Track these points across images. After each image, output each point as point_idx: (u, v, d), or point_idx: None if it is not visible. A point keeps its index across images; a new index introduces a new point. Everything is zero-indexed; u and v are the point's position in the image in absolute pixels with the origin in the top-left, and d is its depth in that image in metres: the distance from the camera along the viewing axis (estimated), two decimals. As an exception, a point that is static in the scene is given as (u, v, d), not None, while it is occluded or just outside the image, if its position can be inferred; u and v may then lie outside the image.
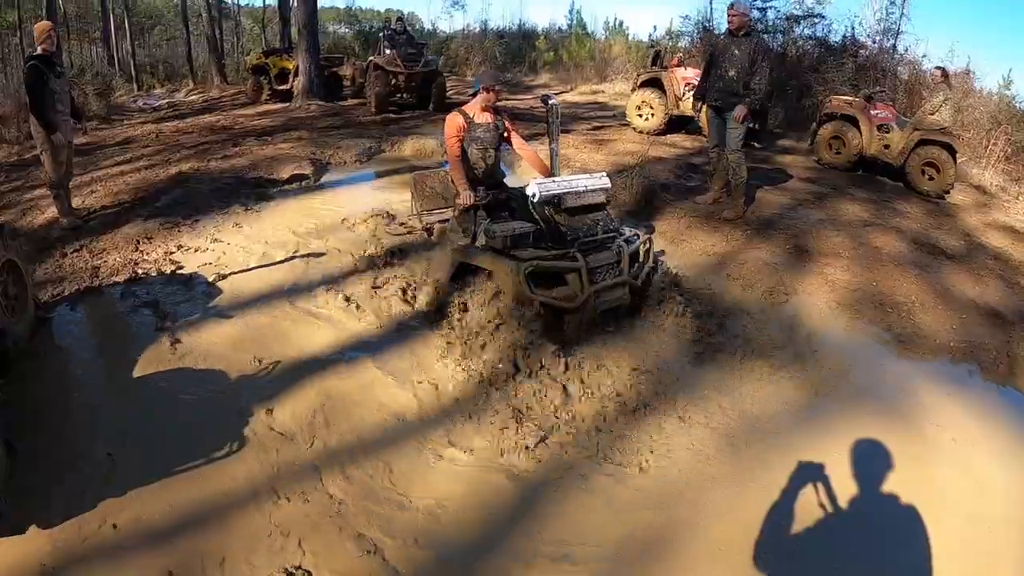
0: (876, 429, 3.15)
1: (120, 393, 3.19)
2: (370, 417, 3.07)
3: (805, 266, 4.97)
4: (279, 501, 2.54)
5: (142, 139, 8.84)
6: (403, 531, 2.43)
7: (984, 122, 8.98)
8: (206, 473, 2.65)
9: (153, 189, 6.23)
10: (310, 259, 4.76)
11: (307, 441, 2.88)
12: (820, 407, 3.33)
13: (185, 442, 2.79)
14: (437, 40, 21.57)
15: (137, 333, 3.71)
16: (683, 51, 10.50)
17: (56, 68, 5.01)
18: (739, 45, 5.26)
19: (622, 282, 3.65)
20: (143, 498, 2.50)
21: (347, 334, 3.78)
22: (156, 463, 2.66)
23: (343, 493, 2.60)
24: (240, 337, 3.69)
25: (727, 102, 5.35)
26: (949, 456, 3.07)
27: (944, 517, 2.63)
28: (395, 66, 10.25)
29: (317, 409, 3.08)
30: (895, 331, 4.19)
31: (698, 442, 3.02)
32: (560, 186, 3.69)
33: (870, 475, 2.84)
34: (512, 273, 3.44)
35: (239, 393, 3.18)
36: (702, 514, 2.60)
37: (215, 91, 15.44)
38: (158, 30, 25.27)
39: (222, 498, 2.54)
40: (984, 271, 5.18)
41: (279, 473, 2.69)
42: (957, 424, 3.32)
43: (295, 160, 7.43)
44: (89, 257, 4.69)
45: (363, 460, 2.78)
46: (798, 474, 2.80)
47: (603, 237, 3.74)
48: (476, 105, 4.03)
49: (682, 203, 6.10)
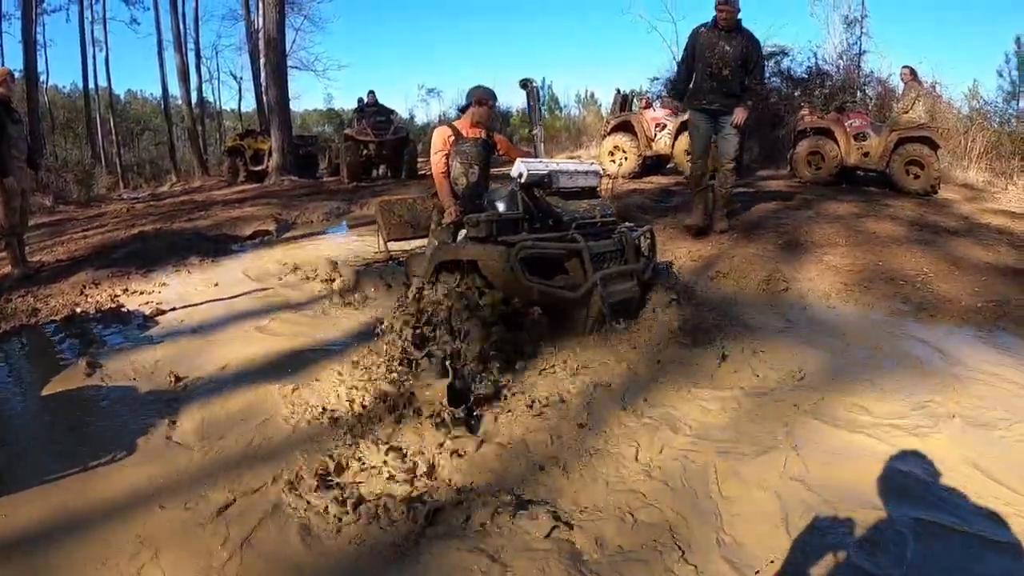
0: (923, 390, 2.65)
1: (23, 409, 2.92)
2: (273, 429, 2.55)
3: (801, 256, 4.60)
4: (153, 511, 2.01)
5: (113, 213, 8.67)
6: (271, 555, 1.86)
7: (959, 127, 8.97)
8: (83, 482, 2.17)
9: (111, 245, 5.96)
10: (255, 294, 4.46)
11: (203, 452, 2.37)
12: (858, 375, 2.81)
13: (75, 453, 2.36)
14: (416, 129, 22.32)
15: (59, 360, 3.44)
16: (651, 94, 10.62)
17: (13, 114, 4.91)
18: (729, 41, 4.64)
19: (630, 271, 3.17)
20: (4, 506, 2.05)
21: (276, 351, 3.34)
22: (34, 473, 2.22)
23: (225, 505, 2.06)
24: (163, 359, 3.30)
25: (723, 104, 4.73)
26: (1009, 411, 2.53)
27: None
28: (365, 135, 10.33)
29: (222, 421, 2.60)
30: (914, 301, 3.76)
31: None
32: (548, 166, 3.27)
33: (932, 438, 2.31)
34: (502, 259, 2.82)
35: (145, 407, 2.77)
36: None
37: (197, 181, 15.61)
38: (147, 135, 26.12)
39: (90, 508, 2.04)
40: (991, 240, 4.84)
41: (163, 483, 2.17)
42: (1009, 378, 2.80)
43: (259, 220, 7.24)
44: (33, 301, 4.45)
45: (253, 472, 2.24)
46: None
47: (603, 222, 3.29)
48: (465, 121, 3.75)
49: (660, 220, 5.80)
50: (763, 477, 2.04)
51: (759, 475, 2.05)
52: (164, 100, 20.47)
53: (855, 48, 10.61)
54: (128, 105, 27.39)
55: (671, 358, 2.89)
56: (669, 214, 6.11)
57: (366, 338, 3.30)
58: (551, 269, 3.04)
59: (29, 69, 12.84)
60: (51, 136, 18.89)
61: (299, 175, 11.64)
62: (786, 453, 2.17)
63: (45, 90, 19.61)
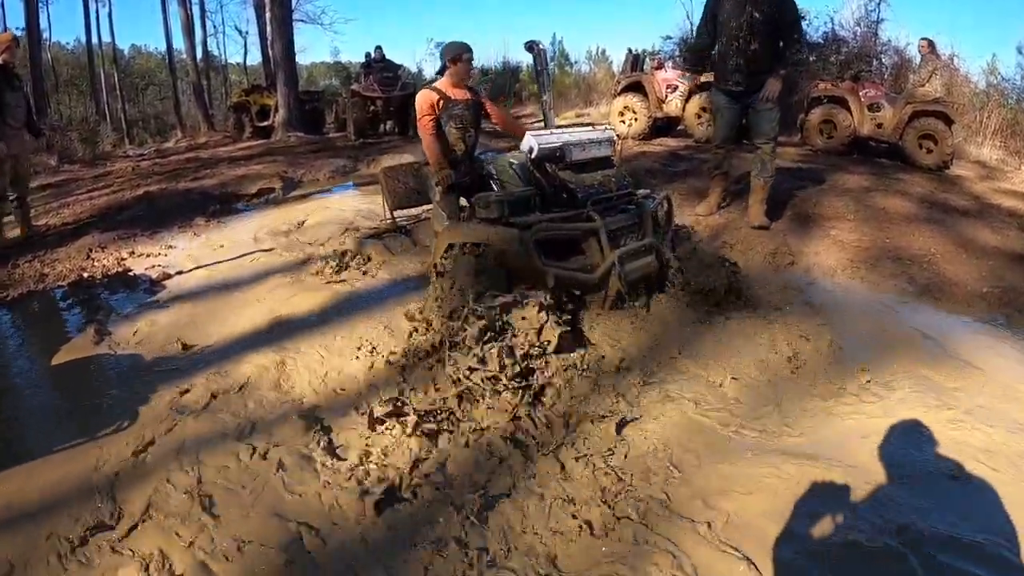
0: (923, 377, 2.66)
1: (31, 379, 2.93)
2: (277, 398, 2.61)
3: (809, 230, 4.56)
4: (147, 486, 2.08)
5: (118, 172, 8.65)
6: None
7: (975, 102, 8.74)
8: (83, 453, 2.24)
9: (117, 207, 5.97)
10: (261, 257, 4.45)
11: (202, 417, 2.44)
12: (856, 358, 2.82)
13: (81, 423, 2.43)
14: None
15: (67, 328, 3.48)
16: (663, 54, 10.35)
17: (14, 81, 4.85)
18: (757, 5, 3.97)
19: (648, 246, 3.04)
20: (12, 477, 2.13)
21: (287, 314, 3.37)
22: (41, 444, 2.29)
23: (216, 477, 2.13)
24: (172, 324, 3.36)
25: (752, 82, 4.11)
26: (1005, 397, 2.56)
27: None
28: (372, 91, 10.19)
29: (231, 389, 2.65)
30: (920, 282, 3.74)
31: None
32: (560, 138, 3.13)
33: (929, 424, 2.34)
34: (516, 242, 2.74)
35: (152, 375, 2.81)
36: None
37: (202, 137, 15.46)
38: (151, 90, 25.74)
39: (95, 478, 2.11)
40: (1001, 224, 4.78)
41: (161, 453, 2.24)
42: (1007, 367, 2.82)
43: (265, 178, 7.21)
44: (40, 266, 4.47)
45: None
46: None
47: (618, 194, 3.17)
48: (447, 82, 3.57)
49: (668, 185, 5.73)
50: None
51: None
52: (168, 54, 20.11)
53: (873, 15, 10.21)
54: (132, 60, 26.90)
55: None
56: (677, 179, 6.04)
57: (371, 307, 3.34)
58: (567, 248, 2.96)
59: (31, 28, 12.57)
60: (55, 95, 18.65)
61: (305, 131, 11.52)
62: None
63: (48, 47, 19.27)
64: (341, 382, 2.67)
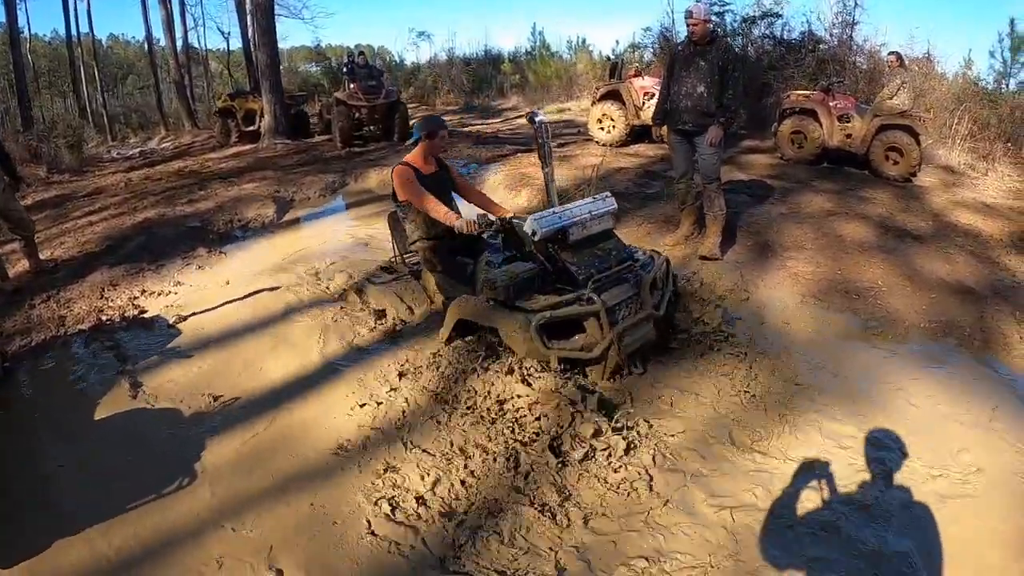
0: (849, 416, 3.12)
1: (79, 437, 3.22)
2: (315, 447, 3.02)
3: (766, 262, 4.92)
4: (224, 533, 2.51)
5: (111, 189, 8.84)
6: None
7: (947, 103, 9.07)
8: (155, 509, 2.65)
9: (120, 237, 6.23)
10: (268, 296, 4.74)
11: (255, 472, 2.85)
12: (787, 403, 3.24)
13: (139, 480, 2.80)
14: (406, 71, 21.81)
15: (99, 378, 3.75)
16: (642, 63, 10.60)
17: None
18: (704, 55, 4.50)
19: (646, 317, 3.28)
20: (92, 537, 2.50)
21: (308, 361, 3.76)
22: (109, 502, 2.66)
23: (281, 524, 2.56)
24: (197, 374, 3.73)
25: (697, 123, 4.60)
26: (925, 434, 3.01)
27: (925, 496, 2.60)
28: (356, 99, 10.41)
29: (265, 441, 3.07)
30: (863, 317, 4.16)
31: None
32: (562, 218, 3.27)
33: (848, 462, 2.80)
34: (521, 329, 3.03)
35: (192, 430, 3.20)
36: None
37: (187, 136, 15.50)
38: (131, 79, 25.39)
39: (169, 533, 2.52)
40: (953, 249, 5.15)
41: (226, 505, 2.66)
42: (932, 402, 3.27)
43: (259, 200, 7.49)
44: (56, 307, 4.71)
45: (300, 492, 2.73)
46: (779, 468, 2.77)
47: (617, 269, 3.36)
48: (418, 156, 3.74)
49: (640, 211, 6.09)
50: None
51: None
52: (148, 46, 19.90)
53: (850, 17, 10.49)
54: (110, 50, 26.44)
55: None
56: (651, 202, 6.36)
57: (385, 353, 3.72)
58: (569, 326, 3.19)
59: (11, 27, 12.47)
60: (37, 96, 18.40)
61: (291, 136, 11.75)
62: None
63: (28, 41, 18.92)
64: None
